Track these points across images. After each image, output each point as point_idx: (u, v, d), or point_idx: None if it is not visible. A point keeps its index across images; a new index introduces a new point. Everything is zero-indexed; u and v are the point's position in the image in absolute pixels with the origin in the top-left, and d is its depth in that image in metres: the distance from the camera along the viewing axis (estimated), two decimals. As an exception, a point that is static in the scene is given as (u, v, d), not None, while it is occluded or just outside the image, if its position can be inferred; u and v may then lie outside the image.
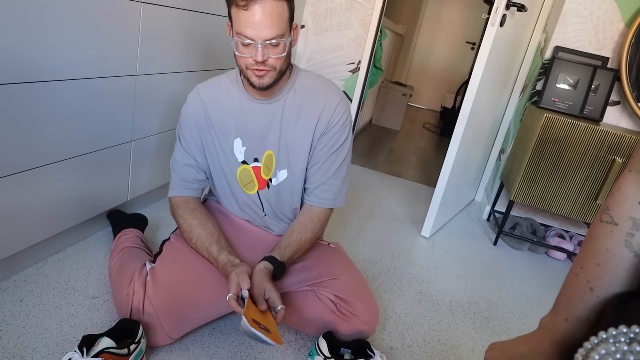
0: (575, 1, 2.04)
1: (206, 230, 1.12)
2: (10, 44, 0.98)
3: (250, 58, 0.98)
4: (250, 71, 1.01)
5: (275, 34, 0.95)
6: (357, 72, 2.69)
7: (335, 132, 1.15)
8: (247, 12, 0.93)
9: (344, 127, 1.16)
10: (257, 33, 0.94)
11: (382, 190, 2.56)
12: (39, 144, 1.13)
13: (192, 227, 1.14)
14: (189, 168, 1.18)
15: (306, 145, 1.15)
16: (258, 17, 0.93)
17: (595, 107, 2.03)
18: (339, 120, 1.14)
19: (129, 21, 1.31)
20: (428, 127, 4.95)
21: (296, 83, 1.13)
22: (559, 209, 1.96)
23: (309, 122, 1.13)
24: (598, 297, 0.54)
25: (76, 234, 1.42)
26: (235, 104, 1.14)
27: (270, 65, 1.00)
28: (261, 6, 0.92)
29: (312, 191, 1.19)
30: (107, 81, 1.29)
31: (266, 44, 0.96)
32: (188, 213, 1.15)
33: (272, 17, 0.94)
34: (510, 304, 1.64)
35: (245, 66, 1.01)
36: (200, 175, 1.20)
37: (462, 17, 5.69)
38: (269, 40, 0.96)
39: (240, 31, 0.96)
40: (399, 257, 1.81)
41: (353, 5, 2.57)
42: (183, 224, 1.15)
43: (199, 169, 1.19)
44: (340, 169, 1.19)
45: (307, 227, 1.17)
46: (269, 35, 0.95)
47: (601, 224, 0.57)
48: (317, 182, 1.18)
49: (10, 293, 1.16)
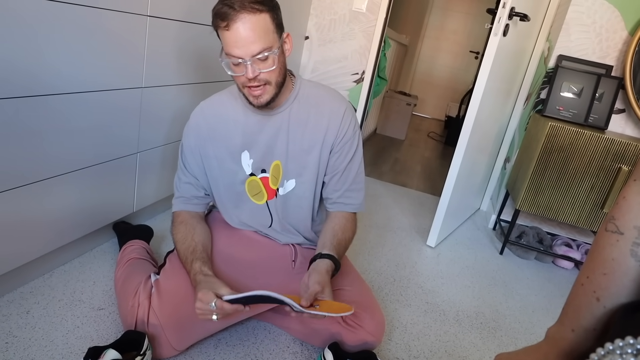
0: (578, 10, 2.05)
1: (184, 244, 1.11)
2: (18, 59, 1.00)
3: (243, 76, 0.98)
4: (247, 90, 1.02)
5: (261, 48, 0.95)
6: (361, 82, 2.70)
7: (347, 140, 1.15)
8: (229, 32, 0.94)
9: (354, 133, 1.17)
10: (243, 51, 0.95)
11: (387, 200, 2.55)
12: (45, 156, 1.14)
13: (175, 242, 1.14)
14: (189, 186, 1.19)
15: (315, 154, 1.15)
16: (241, 34, 0.93)
17: (600, 115, 2.02)
18: (349, 127, 1.15)
19: (136, 34, 1.33)
20: (433, 136, 4.95)
21: (300, 93, 1.14)
22: (565, 217, 1.95)
23: (316, 131, 1.14)
24: (605, 307, 0.53)
25: (82, 246, 1.43)
26: (240, 118, 1.14)
27: (263, 80, 1.00)
28: (242, 23, 0.93)
29: (335, 200, 1.20)
30: (113, 94, 1.31)
31: (254, 59, 0.96)
32: (175, 227, 1.16)
33: (255, 32, 0.94)
34: (517, 313, 1.63)
35: (242, 85, 1.02)
36: (199, 192, 1.20)
37: (465, 26, 5.72)
38: (256, 56, 0.96)
39: (228, 51, 0.96)
40: (404, 267, 1.80)
41: (357, 16, 2.60)
42: (173, 239, 1.16)
43: (199, 187, 1.20)
44: (359, 174, 1.20)
45: (346, 228, 1.17)
46: (255, 50, 0.95)
47: (607, 234, 0.56)
48: (340, 191, 1.18)
49: (17, 305, 1.17)
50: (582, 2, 2.03)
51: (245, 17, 0.92)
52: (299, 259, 1.24)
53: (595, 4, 2.02)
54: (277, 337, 1.25)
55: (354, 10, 2.59)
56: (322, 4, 2.62)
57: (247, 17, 0.93)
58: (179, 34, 1.52)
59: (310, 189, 1.19)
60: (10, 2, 0.94)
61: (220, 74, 1.81)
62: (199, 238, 1.12)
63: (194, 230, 1.14)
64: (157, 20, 1.39)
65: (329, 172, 1.18)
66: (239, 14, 0.92)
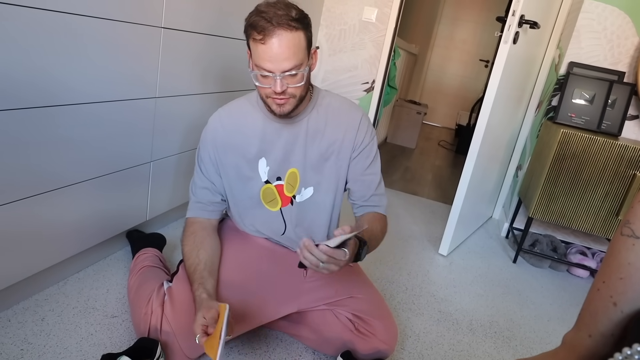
0: (589, 17, 2.04)
1: (189, 260, 1.11)
2: (37, 70, 1.03)
3: (270, 88, 0.99)
4: (270, 99, 1.03)
5: (292, 65, 0.96)
6: (371, 91, 2.71)
7: (365, 146, 1.17)
8: (264, 45, 0.94)
9: (372, 140, 1.18)
10: (275, 66, 0.96)
11: (398, 209, 2.55)
12: (59, 165, 1.16)
13: (183, 254, 1.14)
14: (206, 191, 1.20)
15: (332, 162, 1.16)
16: (275, 50, 0.94)
17: (613, 121, 2.00)
18: (365, 135, 1.16)
19: (150, 46, 1.35)
20: (443, 144, 4.93)
21: (317, 102, 1.15)
22: (579, 225, 1.92)
23: (333, 140, 1.15)
24: (622, 312, 0.52)
25: (96, 254, 1.45)
26: (258, 125, 1.15)
27: (289, 94, 1.01)
28: (278, 39, 0.93)
29: (362, 204, 1.20)
30: (127, 104, 1.33)
31: (285, 75, 0.97)
32: (185, 238, 1.16)
33: (290, 49, 0.95)
34: (532, 323, 1.60)
35: (266, 95, 1.03)
36: (216, 198, 1.21)
37: (474, 35, 5.72)
38: (287, 72, 0.97)
39: (259, 64, 0.97)
40: (416, 275, 1.78)
41: (366, 26, 2.62)
42: (182, 248, 1.16)
43: (215, 192, 1.20)
44: (381, 180, 1.22)
45: (375, 221, 1.16)
46: (287, 67, 0.96)
47: (622, 238, 0.56)
48: (366, 196, 1.19)
49: (32, 312, 1.18)
50: (593, 8, 2.02)
51: (282, 34, 0.93)
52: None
53: (606, 10, 2.01)
54: (289, 345, 1.25)
55: (364, 20, 2.61)
56: (332, 15, 2.65)
57: (284, 33, 0.93)
58: (192, 45, 1.55)
59: (330, 196, 1.19)
60: (29, 16, 0.97)
61: (234, 84, 1.83)
62: (204, 255, 1.11)
63: (201, 246, 1.13)
64: (171, 32, 1.42)
65: (351, 179, 1.19)
66: (276, 29, 0.93)
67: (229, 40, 1.74)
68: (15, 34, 0.96)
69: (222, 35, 1.69)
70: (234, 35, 1.76)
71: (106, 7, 1.16)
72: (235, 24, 1.75)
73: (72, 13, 1.07)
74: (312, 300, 1.17)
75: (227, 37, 1.72)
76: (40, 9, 0.99)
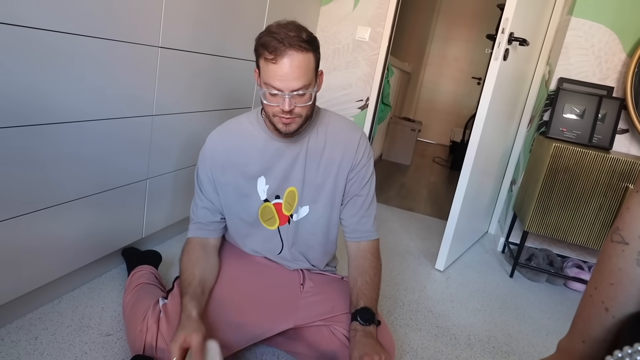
0: (576, 34, 2.09)
1: (184, 274, 1.11)
2: (34, 88, 1.04)
3: (278, 107, 1.01)
4: (277, 118, 1.04)
5: (302, 85, 0.98)
6: (365, 108, 2.75)
7: (362, 166, 1.18)
8: (275, 65, 0.96)
9: (369, 160, 1.20)
10: (285, 85, 0.97)
11: (394, 225, 2.55)
12: (55, 183, 1.17)
13: (179, 269, 1.14)
14: (205, 211, 1.19)
15: (330, 182, 1.17)
16: (286, 70, 0.96)
17: (604, 135, 2.03)
18: (364, 154, 1.18)
19: (147, 65, 1.38)
20: (438, 161, 4.97)
21: (318, 121, 1.17)
22: (574, 238, 1.93)
23: (332, 160, 1.16)
24: (614, 317, 0.53)
25: (91, 272, 1.44)
26: (258, 144, 1.15)
27: (296, 114, 1.03)
28: (289, 59, 0.95)
29: (353, 228, 1.20)
30: (123, 122, 1.34)
31: (293, 94, 0.99)
32: (183, 255, 1.16)
33: (300, 69, 0.97)
34: (530, 337, 1.59)
35: (273, 114, 1.04)
36: (215, 217, 1.20)
37: (466, 53, 5.83)
38: (296, 91, 0.98)
39: (268, 82, 0.99)
40: (413, 290, 1.78)
41: (360, 45, 2.67)
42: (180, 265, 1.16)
43: (215, 211, 1.20)
44: (373, 200, 1.22)
45: (364, 269, 1.17)
46: (296, 86, 0.98)
47: (612, 244, 0.57)
48: (357, 217, 1.20)
49: (26, 331, 1.17)
50: (580, 26, 2.08)
51: (293, 55, 0.95)
52: (307, 283, 1.24)
53: (593, 27, 2.06)
54: (286, 362, 1.24)
55: (357, 39, 2.66)
56: (327, 34, 2.70)
57: (295, 54, 0.95)
58: (188, 64, 1.57)
59: (325, 215, 1.20)
60: (27, 35, 0.99)
61: (230, 102, 1.86)
62: (198, 271, 1.11)
63: (197, 262, 1.13)
64: (167, 51, 1.44)
65: (346, 198, 1.20)
66: (287, 50, 0.95)
67: (226, 59, 1.77)
68: (15, 52, 0.97)
69: (218, 55, 1.72)
70: (231, 55, 1.79)
71: (103, 28, 1.18)
72: (231, 44, 1.78)
73: (70, 33, 1.09)
74: (309, 316, 1.17)
75: (223, 57, 1.75)
76: (39, 29, 1.01)
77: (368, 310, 1.09)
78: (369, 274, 1.16)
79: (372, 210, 1.22)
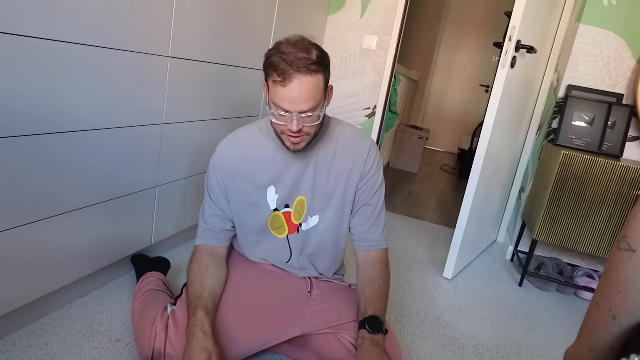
0: (584, 41, 2.09)
1: (193, 286, 1.11)
2: (45, 98, 1.06)
3: (286, 126, 1.01)
4: (285, 136, 1.05)
5: (310, 107, 0.98)
6: (372, 116, 2.76)
7: (372, 175, 1.18)
8: (284, 88, 0.96)
9: (378, 169, 1.20)
10: (293, 107, 0.97)
11: (401, 233, 2.54)
12: (64, 190, 1.19)
13: (187, 279, 1.14)
14: (216, 218, 1.20)
15: (340, 191, 1.17)
16: (295, 93, 0.95)
17: (613, 143, 2.02)
18: (373, 163, 1.18)
19: (157, 74, 1.40)
20: (446, 169, 4.95)
21: (328, 131, 1.17)
22: (584, 247, 1.91)
23: (342, 169, 1.16)
24: (621, 325, 0.53)
25: (101, 278, 1.45)
26: (268, 153, 1.15)
27: (304, 132, 1.03)
28: (298, 83, 0.95)
29: (362, 237, 1.20)
30: (133, 130, 1.36)
31: (302, 116, 0.99)
32: (191, 264, 1.16)
33: (308, 92, 0.97)
34: (539, 347, 1.58)
35: (281, 131, 1.05)
36: (226, 225, 1.21)
37: (474, 61, 5.83)
38: (304, 113, 0.99)
39: (277, 103, 0.99)
40: (421, 299, 1.77)
41: (367, 53, 2.68)
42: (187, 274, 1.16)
43: (226, 219, 1.20)
44: (382, 208, 1.22)
45: (373, 277, 1.17)
46: (304, 108, 0.98)
47: (619, 252, 0.56)
48: (366, 225, 1.20)
49: (37, 336, 1.18)
50: (588, 33, 2.07)
51: (302, 78, 0.95)
52: (314, 291, 1.24)
53: (601, 34, 2.06)
54: (293, 369, 1.24)
55: (364, 47, 2.68)
56: (333, 43, 2.72)
57: (304, 77, 0.95)
58: (198, 73, 1.59)
59: (334, 224, 1.20)
60: (41, 46, 1.02)
61: (240, 110, 1.88)
62: (208, 282, 1.11)
63: (207, 273, 1.13)
64: (177, 61, 1.46)
65: (355, 207, 1.20)
66: (296, 74, 0.94)
67: (234, 68, 1.79)
68: (24, 62, 1.00)
69: (227, 64, 1.75)
70: (241, 64, 1.81)
71: (114, 38, 1.20)
72: (240, 53, 1.81)
73: (80, 43, 1.11)
74: (316, 323, 1.17)
75: (231, 66, 1.78)
76: (47, 39, 1.03)
77: (376, 318, 1.09)
78: (377, 283, 1.16)
79: (382, 219, 1.22)
